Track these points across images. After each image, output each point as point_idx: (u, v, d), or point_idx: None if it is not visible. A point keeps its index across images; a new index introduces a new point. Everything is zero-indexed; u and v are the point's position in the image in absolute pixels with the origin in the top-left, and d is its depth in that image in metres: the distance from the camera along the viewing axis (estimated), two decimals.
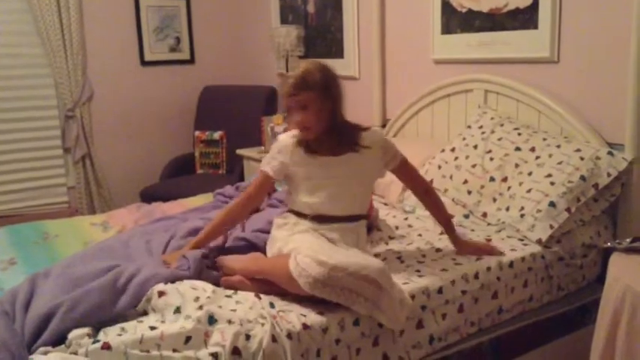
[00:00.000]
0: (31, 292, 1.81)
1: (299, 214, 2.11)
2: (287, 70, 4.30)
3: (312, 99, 2.01)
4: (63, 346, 1.59)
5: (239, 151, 4.25)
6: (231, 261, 2.04)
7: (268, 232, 2.18)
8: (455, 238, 2.26)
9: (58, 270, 1.93)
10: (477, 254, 2.20)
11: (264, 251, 2.13)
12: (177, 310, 1.71)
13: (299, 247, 1.90)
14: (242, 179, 4.16)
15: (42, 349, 1.58)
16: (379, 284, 1.77)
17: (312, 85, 2.00)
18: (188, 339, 1.60)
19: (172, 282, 1.84)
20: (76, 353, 1.54)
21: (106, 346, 1.53)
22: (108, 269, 1.88)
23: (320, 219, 2.07)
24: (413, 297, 1.93)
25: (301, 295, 1.81)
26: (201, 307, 1.68)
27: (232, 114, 4.60)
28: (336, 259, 1.78)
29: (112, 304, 1.72)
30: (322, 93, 2.02)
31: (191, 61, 4.91)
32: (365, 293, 1.76)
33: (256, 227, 2.28)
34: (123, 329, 1.65)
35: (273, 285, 1.88)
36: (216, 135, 4.50)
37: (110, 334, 1.62)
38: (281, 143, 2.14)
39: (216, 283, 1.93)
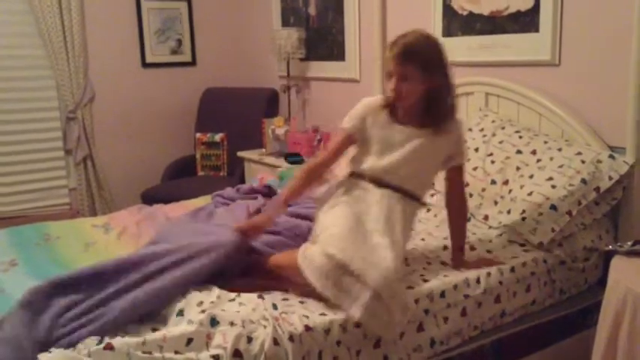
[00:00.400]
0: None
1: (358, 175, 2.14)
2: (288, 74, 4.30)
3: (413, 74, 2.00)
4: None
5: (240, 154, 4.25)
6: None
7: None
8: (458, 259, 2.21)
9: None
10: (477, 267, 2.17)
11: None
12: (180, 313, 1.72)
13: (329, 226, 1.96)
14: (243, 181, 4.16)
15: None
16: (379, 296, 1.78)
17: (420, 62, 1.99)
18: (190, 341, 1.60)
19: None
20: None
21: (109, 347, 1.53)
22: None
23: (376, 181, 2.10)
24: (417, 301, 1.93)
25: (306, 289, 1.85)
26: (203, 312, 1.68)
27: (233, 116, 4.60)
28: (345, 255, 1.81)
29: None
30: (425, 69, 2.00)
31: (192, 63, 4.92)
32: (362, 300, 1.77)
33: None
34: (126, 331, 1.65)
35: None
36: (217, 137, 4.50)
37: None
38: (366, 104, 2.18)
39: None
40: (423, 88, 2.04)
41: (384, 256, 1.88)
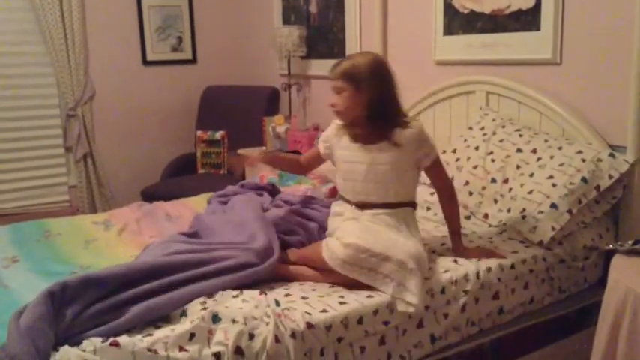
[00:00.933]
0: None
1: (345, 200, 2.28)
2: (289, 72, 4.31)
3: (345, 88, 2.15)
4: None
5: (240, 151, 4.24)
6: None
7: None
8: (457, 244, 2.26)
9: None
10: (478, 257, 2.20)
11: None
12: (183, 314, 1.72)
13: (345, 232, 2.06)
14: (243, 179, 4.15)
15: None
16: (405, 265, 1.90)
17: (350, 77, 2.14)
18: (192, 335, 1.60)
19: None
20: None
21: (115, 344, 1.54)
22: None
23: (361, 205, 2.21)
24: None
25: (340, 277, 1.97)
26: (205, 309, 1.69)
27: (234, 114, 4.60)
28: (365, 241, 1.95)
29: None
30: (358, 85, 2.14)
31: (193, 60, 4.92)
32: (391, 274, 1.91)
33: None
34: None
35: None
36: (218, 135, 4.50)
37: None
38: (333, 125, 2.34)
39: None
40: (358, 104, 2.15)
41: (404, 242, 2.04)
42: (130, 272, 1.79)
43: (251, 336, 1.64)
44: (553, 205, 2.32)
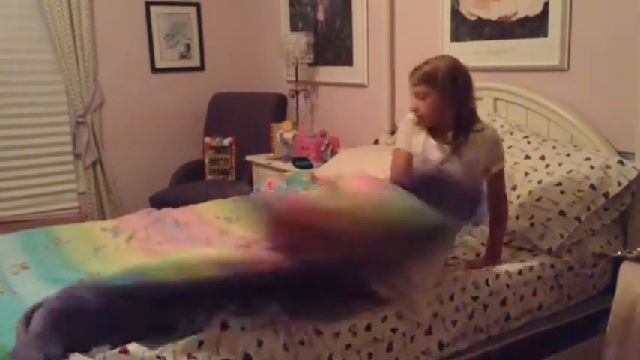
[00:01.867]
0: None
1: None
2: (296, 78, 4.32)
3: (430, 94, 2.15)
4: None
5: (248, 158, 4.27)
6: None
7: None
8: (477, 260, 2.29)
9: None
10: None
11: None
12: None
13: None
14: (251, 186, 4.17)
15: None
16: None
17: (434, 81, 2.14)
18: (201, 343, 1.61)
19: None
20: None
21: (124, 351, 1.54)
22: None
23: None
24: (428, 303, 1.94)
25: None
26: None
27: (242, 121, 4.62)
28: None
29: None
30: (441, 90, 2.14)
31: (201, 67, 4.94)
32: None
33: None
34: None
35: None
36: (226, 141, 4.51)
37: None
38: (406, 123, 2.30)
39: None
40: (441, 109, 2.15)
41: None
42: (147, 287, 1.69)
43: (260, 343, 1.64)
44: (561, 213, 2.31)
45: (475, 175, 2.19)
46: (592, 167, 2.39)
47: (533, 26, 2.81)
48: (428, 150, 2.22)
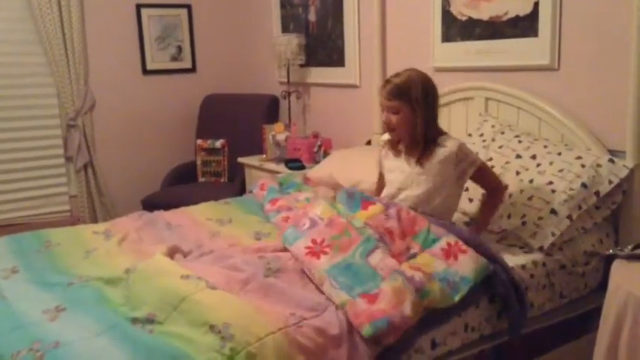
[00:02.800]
0: None
1: None
2: (288, 80, 4.32)
3: (402, 108, 2.29)
4: None
5: (240, 160, 4.26)
6: None
7: None
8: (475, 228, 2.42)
9: None
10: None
11: None
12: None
13: None
14: (243, 187, 4.16)
15: None
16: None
17: (407, 97, 2.27)
18: None
19: None
20: None
21: None
22: None
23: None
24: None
25: None
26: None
27: (234, 122, 4.61)
28: None
29: None
30: (414, 105, 2.27)
31: (192, 69, 4.93)
32: None
33: None
34: None
35: None
36: (218, 143, 4.50)
37: None
38: (385, 137, 2.54)
39: None
40: (412, 121, 2.30)
41: None
42: None
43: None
44: (553, 211, 2.32)
45: (445, 186, 2.33)
46: (583, 166, 2.39)
47: (524, 26, 2.81)
48: (395, 167, 2.43)
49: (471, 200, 2.61)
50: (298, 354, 1.65)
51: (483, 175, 2.39)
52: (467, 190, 2.54)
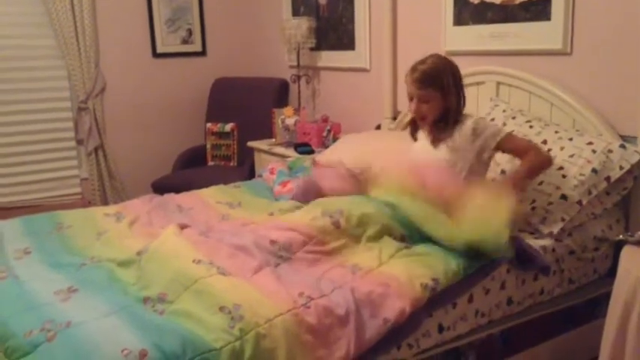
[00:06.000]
0: None
1: None
2: (298, 63, 4.30)
3: (435, 97, 2.29)
4: None
5: (250, 144, 4.26)
6: None
7: None
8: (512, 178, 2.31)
9: None
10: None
11: None
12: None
13: None
14: (253, 171, 4.17)
15: None
16: None
17: (438, 85, 2.28)
18: None
19: None
20: None
21: None
22: None
23: None
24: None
25: None
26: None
27: (243, 106, 4.61)
28: None
29: None
30: (443, 92, 2.28)
31: (203, 53, 4.92)
32: None
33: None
34: None
35: None
36: (228, 127, 4.51)
37: None
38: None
39: None
40: (441, 107, 2.31)
41: None
42: None
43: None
44: (563, 196, 2.31)
45: (464, 163, 2.31)
46: (594, 151, 2.38)
47: (537, 10, 2.78)
48: (416, 148, 2.47)
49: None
50: (306, 333, 1.68)
51: (512, 142, 2.33)
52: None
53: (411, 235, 2.16)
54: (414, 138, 2.52)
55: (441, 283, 1.92)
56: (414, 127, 2.52)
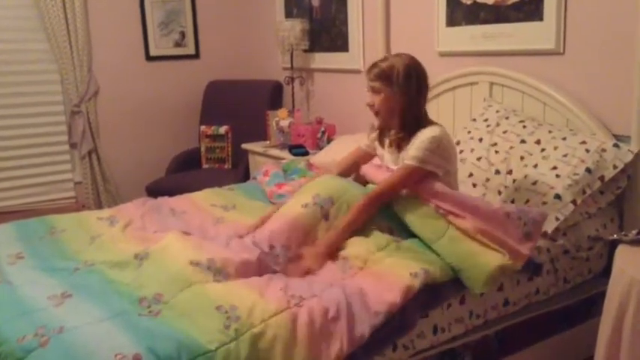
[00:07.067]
0: None
1: None
2: (292, 65, 4.30)
3: (384, 90, 2.25)
4: None
5: (244, 146, 4.25)
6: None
7: None
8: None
9: None
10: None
11: None
12: None
13: None
14: (247, 173, 4.17)
15: None
16: None
17: (387, 79, 2.23)
18: None
19: None
20: None
21: None
22: None
23: None
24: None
25: None
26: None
27: (237, 108, 4.60)
28: None
29: None
30: (394, 89, 2.23)
31: (196, 55, 4.92)
32: None
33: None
34: None
35: None
36: (222, 130, 4.50)
37: None
38: (370, 133, 2.53)
39: None
40: (392, 104, 2.26)
41: None
42: None
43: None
44: (557, 196, 2.31)
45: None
46: (588, 151, 2.38)
47: (529, 10, 2.79)
48: (380, 155, 2.46)
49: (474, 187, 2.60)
50: (300, 332, 1.69)
51: (399, 173, 2.22)
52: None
53: (398, 228, 2.19)
54: (381, 144, 2.45)
55: (432, 273, 1.92)
56: (381, 133, 2.46)
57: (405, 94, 2.23)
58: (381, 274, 1.91)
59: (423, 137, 2.21)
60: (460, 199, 2.13)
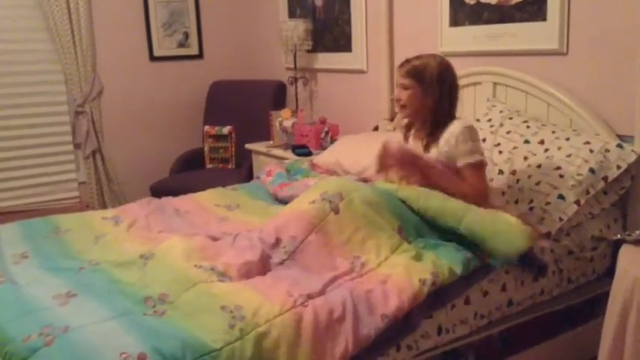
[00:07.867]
0: None
1: None
2: (295, 65, 4.31)
3: (414, 87, 2.30)
4: None
5: (248, 146, 4.26)
6: None
7: None
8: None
9: None
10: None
11: None
12: None
13: None
14: (251, 174, 4.17)
15: None
16: None
17: (419, 76, 2.30)
18: None
19: None
20: None
21: None
22: None
23: None
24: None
25: None
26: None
27: (241, 109, 4.61)
28: None
29: None
30: (424, 86, 2.29)
31: (199, 56, 4.93)
32: None
33: None
34: None
35: None
36: (225, 130, 4.51)
37: None
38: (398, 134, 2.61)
39: None
40: (420, 101, 2.31)
41: None
42: None
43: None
44: (561, 196, 2.31)
45: (451, 167, 2.29)
46: (591, 151, 2.38)
47: (532, 10, 2.79)
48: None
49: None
50: (305, 332, 1.68)
51: (474, 171, 2.27)
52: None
53: (407, 227, 2.15)
54: (406, 138, 2.51)
55: (441, 278, 1.91)
56: (407, 128, 2.52)
57: (435, 94, 2.29)
58: (390, 277, 1.89)
59: (453, 132, 2.27)
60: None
